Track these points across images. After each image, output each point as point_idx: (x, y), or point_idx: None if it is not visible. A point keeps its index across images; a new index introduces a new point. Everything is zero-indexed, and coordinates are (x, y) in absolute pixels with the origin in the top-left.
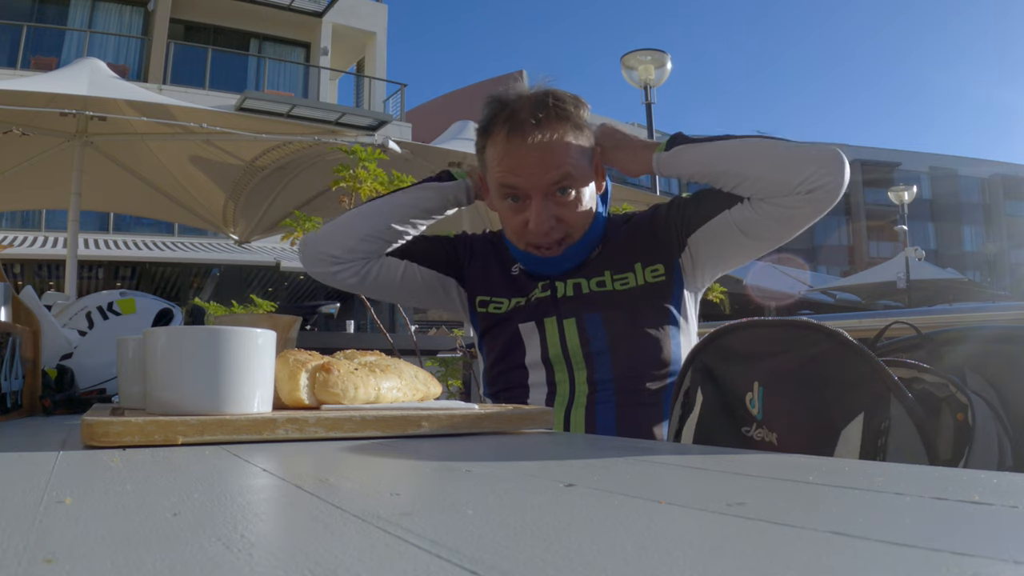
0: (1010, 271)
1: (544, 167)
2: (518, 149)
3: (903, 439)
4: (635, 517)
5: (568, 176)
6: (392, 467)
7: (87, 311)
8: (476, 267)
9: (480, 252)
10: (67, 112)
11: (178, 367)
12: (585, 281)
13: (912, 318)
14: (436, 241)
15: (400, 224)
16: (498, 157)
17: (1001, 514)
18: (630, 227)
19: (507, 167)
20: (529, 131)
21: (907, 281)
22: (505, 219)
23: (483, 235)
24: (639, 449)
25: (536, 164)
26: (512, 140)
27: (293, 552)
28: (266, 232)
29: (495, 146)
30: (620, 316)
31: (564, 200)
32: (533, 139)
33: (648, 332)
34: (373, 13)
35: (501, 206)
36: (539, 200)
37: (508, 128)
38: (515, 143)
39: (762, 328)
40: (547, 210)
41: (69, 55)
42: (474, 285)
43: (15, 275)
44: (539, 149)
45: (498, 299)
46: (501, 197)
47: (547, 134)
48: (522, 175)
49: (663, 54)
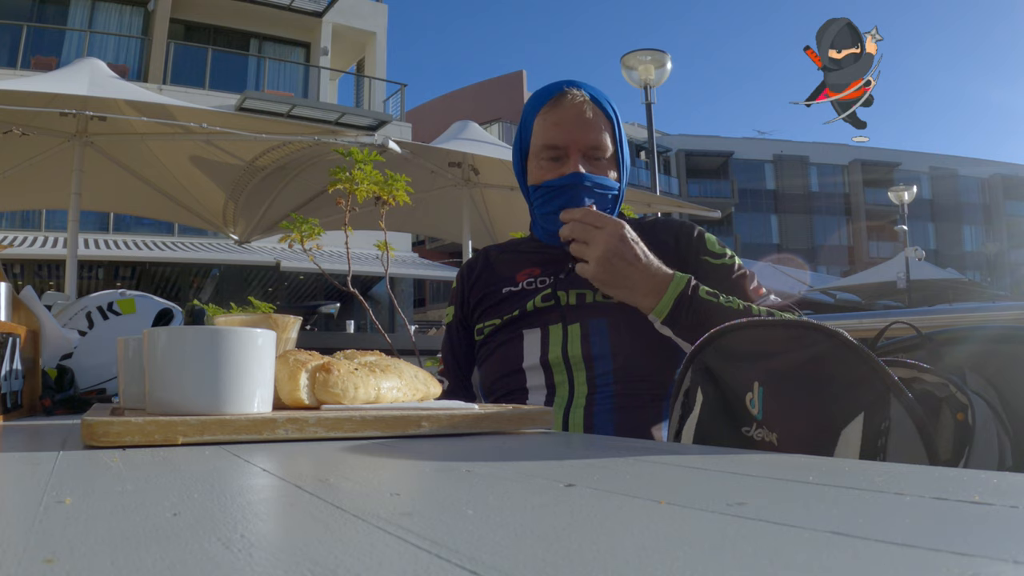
0: (1010, 271)
1: (585, 128)
2: (564, 110)
3: (903, 439)
4: (635, 517)
5: (604, 146)
6: (392, 467)
7: (87, 311)
8: (475, 300)
9: (477, 284)
10: (67, 112)
11: (178, 367)
12: (590, 292)
13: (912, 318)
14: (458, 331)
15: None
16: (543, 121)
17: (1001, 514)
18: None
19: (551, 123)
20: (577, 100)
21: (907, 281)
22: (540, 180)
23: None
24: (639, 449)
25: (579, 123)
26: (560, 103)
27: (293, 552)
28: (266, 232)
29: (543, 115)
30: (626, 322)
31: (598, 164)
32: (578, 106)
33: (652, 337)
34: (373, 13)
35: (538, 168)
36: (576, 156)
37: (556, 100)
38: (563, 106)
39: (762, 328)
40: (585, 166)
41: (69, 55)
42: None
43: (15, 275)
44: (582, 114)
45: (490, 322)
46: (541, 160)
47: (590, 109)
48: (564, 131)
49: (663, 54)
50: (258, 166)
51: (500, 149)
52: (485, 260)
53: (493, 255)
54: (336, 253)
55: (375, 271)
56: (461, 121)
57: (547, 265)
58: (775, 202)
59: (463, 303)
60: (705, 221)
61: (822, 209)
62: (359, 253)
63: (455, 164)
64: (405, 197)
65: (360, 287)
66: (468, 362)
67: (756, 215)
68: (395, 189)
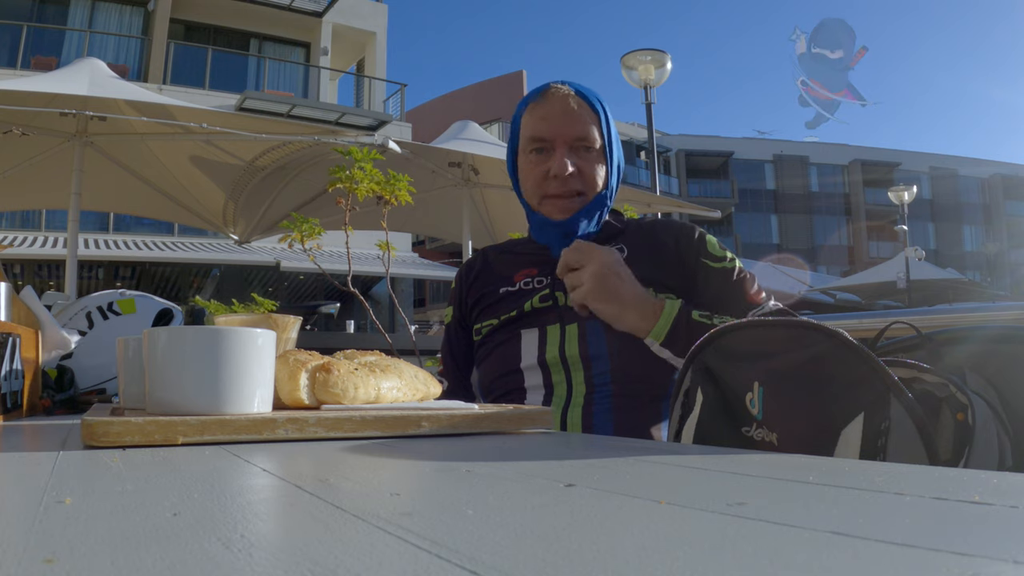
0: (1010, 271)
1: (570, 120)
2: (549, 104)
3: (903, 439)
4: (635, 517)
5: (590, 138)
6: (392, 467)
7: (87, 311)
8: (472, 300)
9: (475, 284)
10: (67, 112)
11: (178, 367)
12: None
13: (912, 318)
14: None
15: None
16: (530, 117)
17: (1001, 514)
18: (649, 247)
19: (537, 117)
20: (562, 93)
21: (907, 281)
22: (527, 174)
23: (473, 264)
24: (639, 449)
25: (565, 116)
26: (545, 97)
27: (293, 552)
28: (266, 232)
29: (529, 111)
30: None
31: (586, 156)
32: (562, 99)
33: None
34: (373, 13)
35: (526, 163)
36: (562, 148)
37: (542, 95)
38: (548, 100)
39: (762, 328)
40: (570, 157)
41: (69, 55)
42: (473, 317)
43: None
44: (567, 107)
45: (488, 322)
46: (527, 154)
47: (576, 102)
48: (550, 123)
49: (663, 54)
50: (258, 166)
51: (500, 149)
52: (484, 261)
53: (492, 256)
54: (336, 253)
55: (375, 271)
56: (461, 121)
57: (544, 265)
58: (775, 202)
59: (461, 303)
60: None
61: (822, 209)
62: (359, 253)
63: (455, 164)
64: (407, 197)
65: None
66: (467, 362)
67: (756, 215)
68: (397, 189)
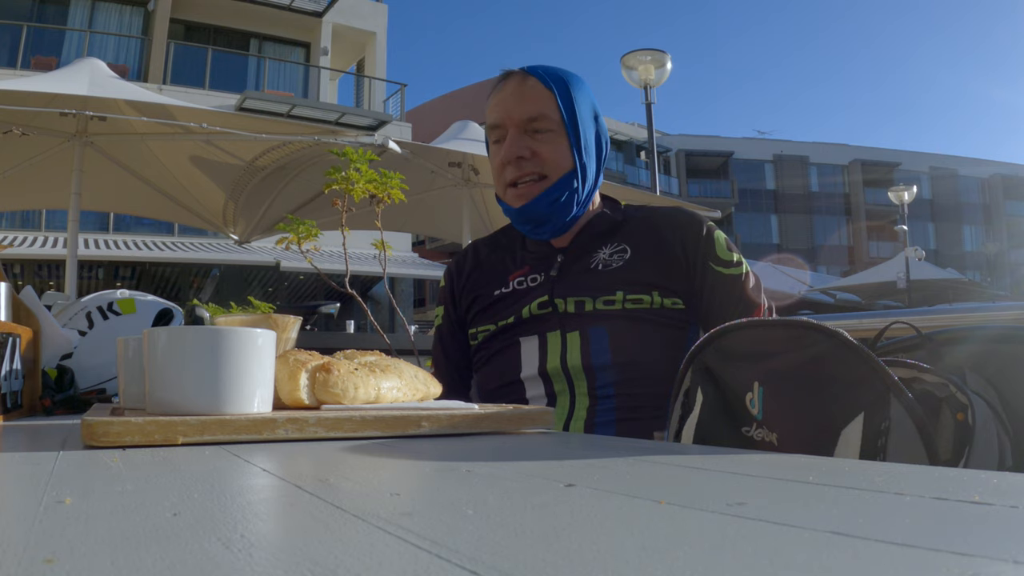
0: (1010, 271)
1: (521, 101)
2: (503, 91)
3: (903, 439)
4: (635, 517)
5: (545, 117)
6: (392, 467)
7: (87, 311)
8: (467, 301)
9: (468, 284)
10: (67, 112)
11: (178, 367)
12: (590, 300)
13: (912, 318)
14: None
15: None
16: (488, 108)
17: (1001, 514)
18: (654, 246)
19: (492, 105)
20: (514, 79)
21: (907, 281)
22: (491, 164)
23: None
24: (639, 449)
25: (514, 98)
26: (500, 86)
27: (293, 552)
28: (266, 232)
29: (489, 100)
30: (627, 331)
31: (541, 138)
32: (514, 84)
33: (654, 347)
34: (373, 13)
35: (492, 154)
36: (514, 132)
37: (499, 85)
38: (503, 86)
39: (762, 328)
40: (522, 140)
41: (69, 55)
42: (469, 319)
43: (15, 275)
44: (519, 89)
45: (484, 327)
46: (492, 145)
47: (527, 83)
48: (501, 108)
49: (663, 54)
50: (258, 166)
51: None
52: (475, 258)
53: (483, 253)
54: (336, 253)
55: (375, 271)
56: (461, 121)
57: (536, 262)
58: (775, 202)
59: (455, 303)
60: None
61: (822, 209)
62: (359, 253)
63: (455, 164)
64: (400, 195)
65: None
66: (465, 364)
67: (756, 215)
68: (390, 187)
